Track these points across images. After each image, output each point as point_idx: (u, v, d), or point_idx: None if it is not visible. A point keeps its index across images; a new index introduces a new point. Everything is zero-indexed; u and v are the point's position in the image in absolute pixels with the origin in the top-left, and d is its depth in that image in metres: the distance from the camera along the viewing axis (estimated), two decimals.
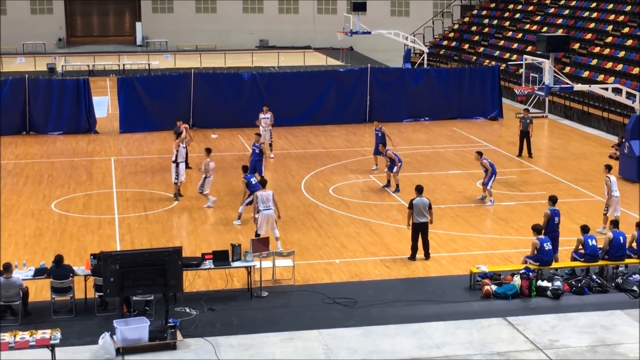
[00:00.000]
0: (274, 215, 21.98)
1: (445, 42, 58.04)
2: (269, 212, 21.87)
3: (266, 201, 21.87)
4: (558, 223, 20.50)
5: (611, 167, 24.55)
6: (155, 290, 17.05)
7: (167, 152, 33.36)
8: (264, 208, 21.86)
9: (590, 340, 17.12)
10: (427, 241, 21.47)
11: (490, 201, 26.10)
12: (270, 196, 21.96)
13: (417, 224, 21.30)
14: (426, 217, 21.27)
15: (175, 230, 23.91)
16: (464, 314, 18.26)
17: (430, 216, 21.38)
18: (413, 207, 21.25)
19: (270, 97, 38.40)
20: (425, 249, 21.47)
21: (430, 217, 21.42)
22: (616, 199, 23.53)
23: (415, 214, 21.23)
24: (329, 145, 34.69)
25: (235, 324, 17.72)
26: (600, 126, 38.08)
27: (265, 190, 22.17)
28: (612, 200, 23.51)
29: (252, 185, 23.64)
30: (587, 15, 48.66)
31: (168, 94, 37.46)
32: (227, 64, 56.50)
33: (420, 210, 21.21)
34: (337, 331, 17.42)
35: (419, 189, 21.76)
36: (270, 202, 21.91)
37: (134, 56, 61.20)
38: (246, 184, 23.77)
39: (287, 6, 70.40)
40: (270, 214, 21.89)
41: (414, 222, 21.29)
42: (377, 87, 39.42)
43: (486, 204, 26.02)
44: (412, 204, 21.28)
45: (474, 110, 40.49)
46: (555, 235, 20.42)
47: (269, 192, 22.12)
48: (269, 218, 21.89)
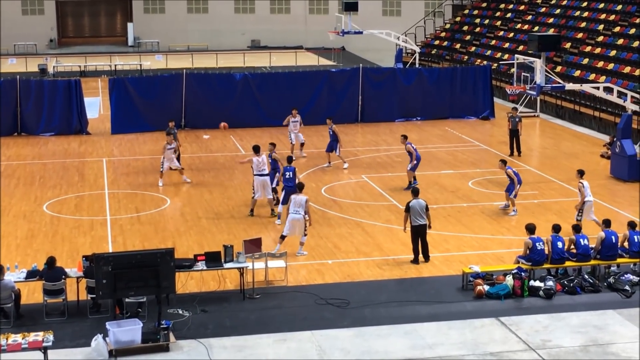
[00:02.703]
0: (302, 221, 21.69)
1: (436, 42, 58.09)
2: (297, 217, 21.63)
3: (298, 205, 21.72)
4: (543, 249, 19.87)
5: (584, 172, 24.10)
6: (148, 292, 17.04)
7: (159, 153, 33.28)
8: (293, 212, 21.72)
9: (583, 340, 17.16)
10: (425, 243, 21.38)
11: (513, 211, 25.34)
12: (303, 201, 21.73)
13: (415, 227, 21.21)
14: (424, 219, 21.20)
15: (167, 232, 23.87)
16: (456, 314, 18.28)
17: (428, 219, 21.30)
18: (410, 209, 21.21)
19: (262, 98, 38.46)
20: (425, 252, 21.38)
21: (429, 220, 21.32)
22: (589, 203, 23.41)
23: (412, 216, 21.18)
24: (321, 145, 34.64)
25: (228, 325, 17.71)
26: (592, 125, 38.16)
27: (299, 195, 21.95)
28: (585, 205, 23.36)
29: (285, 178, 24.29)
30: (578, 14, 48.75)
31: (160, 95, 37.42)
32: (218, 64, 56.48)
33: (417, 213, 21.16)
34: (330, 332, 17.42)
35: (415, 191, 21.73)
36: (301, 207, 21.68)
37: (125, 57, 61.15)
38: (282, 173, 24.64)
39: (278, 6, 70.39)
40: (298, 219, 21.65)
41: (412, 225, 21.20)
42: (369, 87, 39.43)
43: (509, 213, 25.35)
44: (409, 206, 21.24)
45: (465, 110, 40.53)
46: (542, 259, 19.89)
47: (303, 197, 21.88)
48: (295, 222, 21.69)
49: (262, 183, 24.89)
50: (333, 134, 30.60)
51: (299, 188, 22.29)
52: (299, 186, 22.41)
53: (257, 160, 24.86)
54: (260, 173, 24.87)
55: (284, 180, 24.54)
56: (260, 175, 24.89)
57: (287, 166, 24.81)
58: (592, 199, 23.66)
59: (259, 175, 24.89)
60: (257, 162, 24.81)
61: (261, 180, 24.87)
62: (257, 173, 24.87)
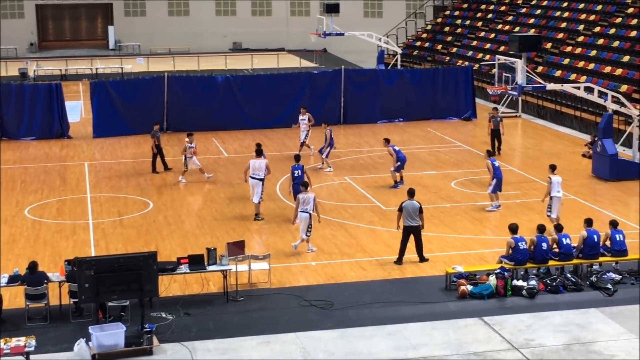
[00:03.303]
0: (308, 219, 21.92)
1: (418, 43, 58.20)
2: (303, 215, 21.93)
3: (305, 203, 21.92)
4: (525, 248, 19.94)
5: (555, 167, 24.35)
6: (131, 296, 16.97)
7: (141, 156, 33.29)
8: (302, 210, 21.94)
9: (566, 338, 17.21)
10: (420, 245, 21.40)
11: (491, 206, 25.73)
12: (311, 199, 21.94)
13: (406, 227, 21.26)
14: (416, 220, 21.20)
15: (150, 235, 23.80)
16: (440, 314, 18.30)
17: (421, 221, 21.33)
18: (403, 209, 21.26)
19: (244, 100, 38.41)
20: (419, 252, 21.40)
21: (422, 221, 21.36)
22: (557, 199, 23.54)
23: (405, 216, 21.23)
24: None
25: (211, 328, 17.67)
26: (573, 125, 38.32)
27: (306, 193, 22.12)
28: (553, 200, 23.51)
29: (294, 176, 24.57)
30: (559, 14, 48.98)
31: (141, 98, 37.32)
32: (200, 66, 56.38)
33: (409, 213, 21.20)
34: (314, 334, 17.41)
35: (410, 192, 21.78)
36: (309, 204, 21.90)
37: (106, 60, 60.96)
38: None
39: (260, 8, 70.37)
40: (304, 217, 21.93)
41: (404, 225, 21.27)
42: (351, 89, 39.46)
43: (486, 208, 25.71)
44: (402, 206, 21.30)
45: (447, 111, 40.62)
46: (525, 259, 19.96)
47: (310, 194, 22.07)
48: (303, 220, 21.97)
49: (253, 185, 25.07)
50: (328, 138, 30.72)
51: (304, 186, 22.50)
52: (304, 184, 22.63)
53: (253, 163, 25.08)
54: (253, 176, 25.00)
55: (293, 178, 24.71)
56: (253, 178, 25.01)
57: (295, 164, 25.03)
58: (561, 195, 23.80)
59: (252, 178, 25.08)
60: (253, 165, 25.03)
61: (253, 182, 25.04)
62: (251, 175, 25.12)
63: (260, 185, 24.99)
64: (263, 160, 25.29)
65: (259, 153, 25.50)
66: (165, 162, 30.87)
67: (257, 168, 25.04)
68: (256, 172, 25.05)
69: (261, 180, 24.98)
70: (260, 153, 25.51)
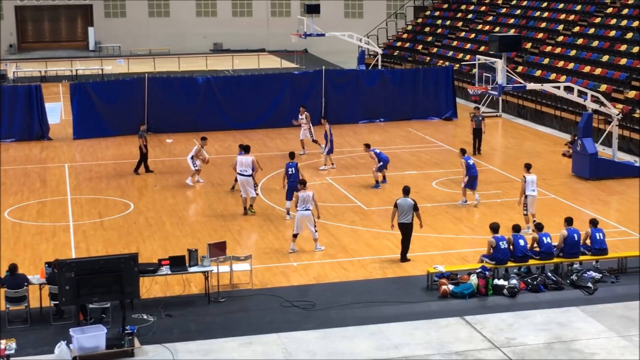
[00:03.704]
0: (310, 217, 22.01)
1: (399, 43, 58.27)
2: (306, 213, 21.96)
3: (305, 202, 21.96)
4: (506, 248, 20.03)
5: (530, 166, 24.53)
6: (112, 298, 16.91)
7: (121, 157, 33.20)
8: (302, 209, 21.95)
9: (547, 337, 17.28)
10: (407, 243, 21.47)
11: (462, 200, 26.31)
12: (310, 197, 21.99)
13: (400, 224, 21.39)
14: (409, 218, 21.30)
15: (131, 237, 23.73)
16: (421, 314, 18.34)
17: (419, 219, 21.41)
18: (397, 207, 21.34)
19: (225, 101, 38.36)
20: (404, 250, 21.48)
21: (419, 219, 21.44)
22: (532, 198, 23.69)
23: (399, 214, 21.33)
24: (285, 147, 34.62)
25: (193, 329, 17.64)
26: (553, 124, 38.47)
27: (305, 191, 22.17)
28: (529, 199, 23.64)
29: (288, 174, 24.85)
30: (539, 14, 49.16)
31: (122, 99, 37.19)
32: (181, 68, 56.24)
33: (404, 211, 21.29)
34: (296, 334, 17.41)
35: (405, 189, 21.85)
36: (309, 203, 21.96)
37: (86, 61, 60.68)
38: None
39: (240, 9, 70.27)
40: (306, 215, 21.97)
41: (399, 223, 21.38)
42: (332, 89, 39.47)
43: (458, 202, 26.34)
44: (397, 204, 21.40)
45: (428, 111, 40.71)
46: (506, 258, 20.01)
47: (309, 192, 22.13)
48: (304, 219, 22.00)
49: (242, 183, 25.38)
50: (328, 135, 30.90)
51: (302, 184, 22.52)
52: (302, 182, 22.66)
53: (240, 159, 25.40)
54: (241, 173, 25.36)
55: (288, 176, 24.95)
56: (241, 175, 25.35)
57: (290, 162, 25.18)
58: (536, 193, 23.94)
59: (240, 175, 25.43)
60: (240, 162, 25.35)
61: (241, 180, 25.37)
62: (238, 172, 25.47)
63: (250, 180, 25.27)
64: (250, 156, 25.54)
65: (244, 149, 25.90)
66: (148, 164, 30.76)
67: (245, 164, 25.34)
68: (243, 169, 25.34)
69: (249, 176, 25.23)
70: (244, 149, 25.89)
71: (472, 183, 26.19)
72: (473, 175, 26.22)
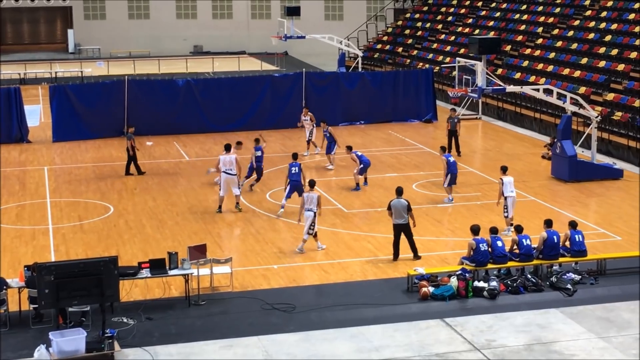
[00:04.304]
0: (312, 218, 22.17)
1: (379, 46, 58.38)
2: (309, 214, 22.16)
3: (309, 203, 22.14)
4: (486, 250, 20.04)
5: (506, 168, 24.76)
6: (92, 301, 16.84)
7: (101, 160, 33.10)
8: (306, 209, 22.20)
9: (527, 339, 17.35)
10: (412, 241, 21.67)
11: (447, 199, 26.74)
12: (314, 198, 22.16)
13: (395, 225, 21.53)
14: (404, 218, 21.44)
15: (111, 240, 23.65)
16: (402, 316, 18.37)
17: (412, 218, 21.59)
18: (391, 208, 21.47)
19: (205, 103, 38.31)
20: (413, 249, 21.66)
21: (412, 219, 21.62)
22: (511, 199, 23.85)
23: (393, 215, 21.47)
24: (266, 150, 34.51)
25: (173, 332, 17.59)
26: (533, 127, 38.64)
27: (311, 192, 22.35)
28: (508, 201, 23.80)
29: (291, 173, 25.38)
30: (518, 17, 49.39)
31: (101, 102, 37.06)
32: (161, 70, 56.11)
33: (398, 212, 21.43)
34: (277, 337, 17.41)
35: (398, 190, 21.99)
36: (313, 204, 22.12)
37: (66, 64, 60.42)
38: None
39: (221, 11, 70.20)
40: (309, 216, 22.16)
41: (393, 224, 21.53)
42: (313, 92, 39.49)
43: (443, 200, 26.74)
44: (390, 205, 21.55)
45: (408, 113, 40.81)
46: (486, 260, 20.06)
47: (314, 194, 22.29)
48: (307, 219, 22.20)
49: (227, 181, 25.66)
50: (330, 136, 31.36)
51: (310, 185, 22.75)
52: (310, 183, 22.90)
53: (223, 158, 25.65)
54: (226, 171, 25.59)
55: (290, 175, 25.41)
56: (226, 174, 25.58)
57: (293, 162, 25.78)
58: (514, 194, 24.09)
59: (225, 173, 25.63)
60: (224, 161, 25.61)
61: (226, 178, 25.63)
62: (223, 170, 25.65)
63: (235, 179, 25.71)
64: (232, 154, 25.91)
65: (226, 148, 26.20)
66: (139, 165, 30.67)
67: (229, 163, 25.70)
68: (228, 168, 25.68)
69: (235, 175, 25.66)
70: (227, 148, 26.21)
71: (453, 180, 26.64)
72: (454, 173, 26.58)
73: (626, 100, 34.77)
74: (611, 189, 28.57)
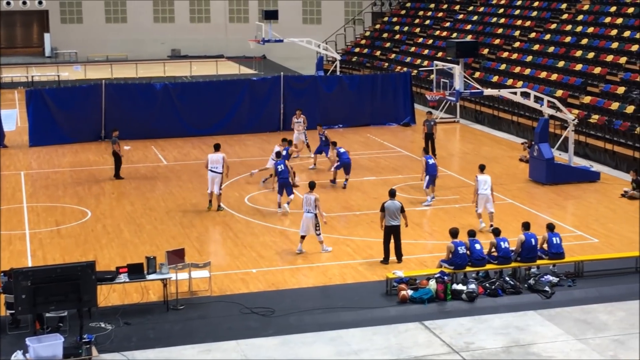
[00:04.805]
0: (313, 219, 22.33)
1: (357, 49, 58.44)
2: (308, 216, 22.33)
3: (308, 204, 22.34)
4: (465, 253, 20.08)
5: (484, 167, 25.32)
6: (69, 306, 16.75)
7: (79, 164, 32.95)
8: (305, 210, 22.40)
9: (505, 341, 17.40)
10: (399, 245, 21.71)
11: (427, 200, 26.94)
12: (312, 200, 22.32)
13: (388, 227, 21.60)
14: (397, 220, 21.54)
15: (88, 244, 23.53)
16: (381, 319, 18.38)
17: (405, 219, 21.72)
18: (385, 209, 21.54)
19: (183, 107, 38.20)
20: (398, 253, 21.70)
21: (405, 220, 21.75)
22: (482, 196, 24.27)
23: (387, 216, 21.53)
24: (244, 154, 34.63)
25: (152, 337, 17.53)
26: (510, 130, 38.79)
27: (309, 194, 22.56)
28: (479, 197, 24.29)
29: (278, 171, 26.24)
30: (495, 20, 49.57)
31: (79, 106, 36.89)
32: (138, 74, 55.88)
33: (392, 213, 21.51)
34: (255, 341, 17.38)
35: (391, 192, 22.09)
36: (311, 205, 22.29)
37: (42, 68, 60.08)
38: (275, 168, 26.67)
39: (198, 15, 70.03)
40: (309, 217, 22.32)
41: (385, 225, 21.62)
42: (291, 95, 39.48)
43: (423, 203, 26.86)
44: (384, 206, 21.60)
45: (386, 117, 40.87)
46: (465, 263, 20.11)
47: (312, 195, 22.49)
48: (306, 221, 22.36)
49: (212, 179, 26.35)
50: (325, 140, 31.85)
51: (310, 187, 22.95)
52: (310, 185, 23.11)
53: (212, 157, 26.47)
54: (212, 169, 26.30)
55: (277, 174, 26.23)
56: (212, 172, 26.31)
57: (277, 160, 26.82)
58: (488, 192, 24.35)
59: (211, 171, 26.35)
60: (211, 159, 26.39)
61: (212, 176, 26.35)
62: (210, 169, 26.37)
63: (219, 177, 26.28)
64: (220, 153, 26.54)
65: (215, 148, 26.80)
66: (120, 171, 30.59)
67: (215, 161, 26.36)
68: (214, 166, 26.33)
69: (220, 173, 26.25)
70: (215, 148, 26.81)
71: (432, 181, 26.97)
72: (433, 174, 26.84)
73: (603, 103, 34.98)
74: (588, 192, 28.73)
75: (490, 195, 24.34)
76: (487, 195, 24.29)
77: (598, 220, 25.47)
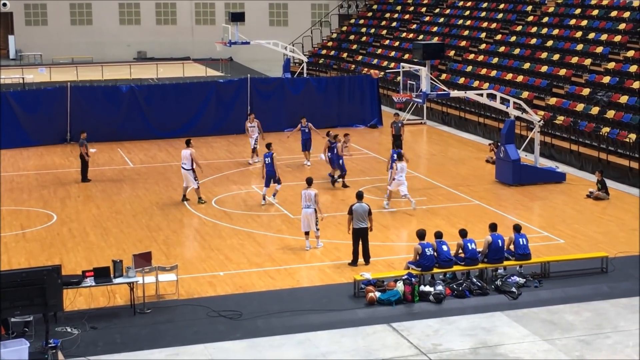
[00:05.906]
0: (312, 214, 22.62)
1: (324, 51, 58.48)
2: (308, 211, 22.61)
3: (307, 200, 22.57)
4: (432, 254, 20.12)
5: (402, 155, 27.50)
6: (35, 311, 16.58)
7: (44, 167, 32.69)
8: (304, 206, 22.61)
9: (472, 342, 17.46)
10: (367, 247, 21.73)
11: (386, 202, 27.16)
12: (312, 196, 22.54)
13: (356, 230, 21.61)
14: (366, 222, 21.57)
15: (54, 248, 23.34)
16: (348, 321, 18.38)
17: (370, 222, 21.70)
18: (352, 212, 21.56)
19: (149, 110, 38.04)
20: (365, 255, 21.71)
21: (370, 223, 21.75)
22: (397, 181, 26.49)
23: (354, 219, 21.54)
24: (211, 156, 34.52)
25: (118, 341, 17.40)
26: (477, 131, 38.98)
27: (308, 189, 22.76)
28: (395, 181, 26.55)
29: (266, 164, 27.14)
30: (461, 23, 49.81)
31: (44, 109, 36.63)
32: (104, 76, 55.49)
33: (360, 216, 21.52)
34: (223, 344, 17.32)
35: (358, 194, 22.08)
36: (311, 201, 22.52)
37: (7, 70, 59.37)
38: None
39: (165, 17, 69.74)
40: (309, 213, 22.59)
41: (354, 228, 21.62)
42: (258, 97, 39.42)
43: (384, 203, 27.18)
44: (352, 209, 21.61)
45: (354, 118, 40.93)
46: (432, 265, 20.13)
47: (311, 191, 22.67)
48: (306, 216, 22.62)
49: (183, 174, 27.49)
50: (308, 132, 32.84)
51: (308, 183, 23.20)
52: (308, 181, 23.33)
53: (182, 153, 27.59)
54: (182, 166, 27.46)
55: (265, 165, 27.12)
56: (182, 168, 27.47)
57: (266, 152, 27.36)
58: (404, 180, 26.52)
59: (181, 168, 27.52)
60: (182, 156, 27.55)
61: (182, 172, 27.52)
62: (181, 165, 27.52)
63: (191, 173, 27.24)
64: (188, 150, 27.37)
65: (187, 143, 27.78)
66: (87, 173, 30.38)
67: (184, 157, 27.38)
68: (183, 162, 27.28)
69: (189, 170, 27.21)
70: (186, 144, 27.78)
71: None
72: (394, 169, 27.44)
73: (568, 104, 35.24)
74: (554, 192, 28.92)
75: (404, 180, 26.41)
76: (401, 181, 26.33)
77: (564, 221, 25.65)
